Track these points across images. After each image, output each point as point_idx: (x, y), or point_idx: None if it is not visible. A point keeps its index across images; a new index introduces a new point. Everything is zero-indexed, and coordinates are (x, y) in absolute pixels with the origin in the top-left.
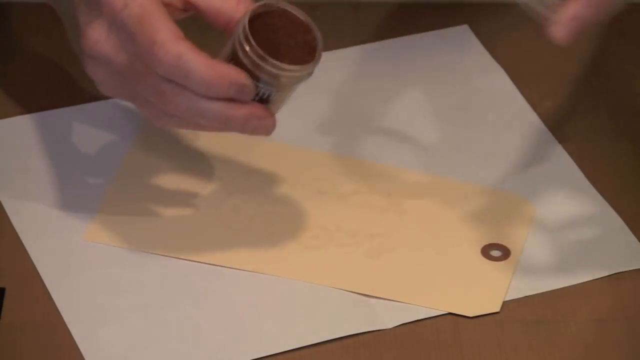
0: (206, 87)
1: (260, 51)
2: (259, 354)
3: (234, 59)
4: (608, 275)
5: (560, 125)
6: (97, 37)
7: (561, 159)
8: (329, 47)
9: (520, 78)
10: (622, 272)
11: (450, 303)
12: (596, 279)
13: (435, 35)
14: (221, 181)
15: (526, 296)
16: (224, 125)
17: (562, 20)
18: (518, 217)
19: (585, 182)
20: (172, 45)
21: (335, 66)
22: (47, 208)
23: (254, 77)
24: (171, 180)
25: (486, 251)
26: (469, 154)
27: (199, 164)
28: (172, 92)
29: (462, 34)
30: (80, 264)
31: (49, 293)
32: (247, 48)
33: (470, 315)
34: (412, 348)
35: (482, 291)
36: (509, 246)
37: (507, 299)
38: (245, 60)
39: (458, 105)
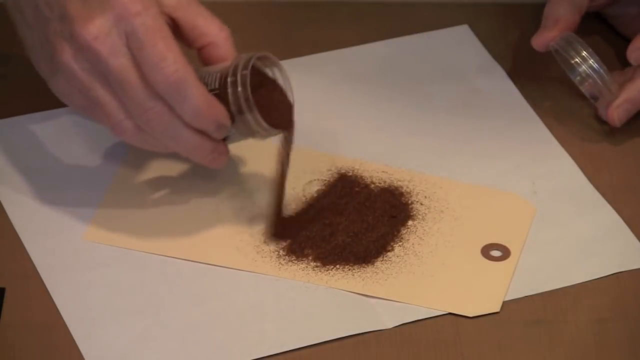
0: (195, 116)
1: (253, 104)
2: (259, 354)
3: (220, 95)
4: (608, 275)
5: (560, 125)
6: (97, 33)
7: (561, 159)
8: (329, 47)
9: (520, 78)
10: (622, 272)
11: (450, 303)
12: (596, 279)
13: (435, 35)
14: (221, 182)
15: (526, 296)
16: (188, 152)
17: (617, 102)
18: (518, 217)
19: (585, 182)
20: (181, 66)
21: (335, 66)
22: (47, 208)
23: (231, 119)
24: (171, 181)
25: (486, 251)
26: (469, 154)
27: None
28: (156, 110)
29: (462, 34)
30: (80, 264)
31: (49, 293)
32: (242, 96)
33: (470, 315)
34: (412, 348)
35: (482, 291)
36: (509, 246)
37: (507, 299)
38: (233, 105)
39: (458, 105)
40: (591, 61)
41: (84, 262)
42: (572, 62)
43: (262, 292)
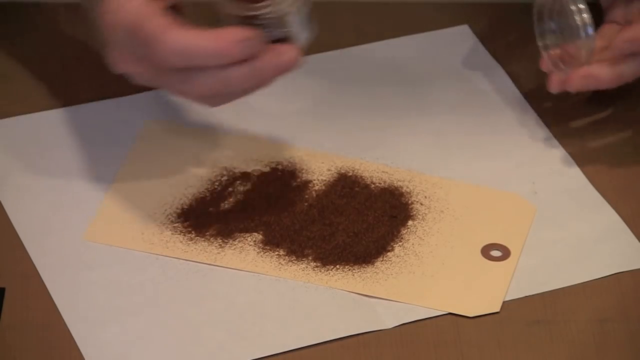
0: (218, 58)
1: (240, 4)
2: (259, 354)
3: (245, 22)
4: (608, 275)
5: (560, 125)
6: (117, 57)
7: (561, 159)
8: (329, 47)
9: (521, 78)
10: (622, 272)
11: (450, 303)
12: (596, 279)
13: (435, 35)
14: (221, 181)
15: (526, 296)
16: (257, 81)
17: (579, 73)
18: (518, 217)
19: (586, 182)
20: (168, 38)
21: (335, 66)
22: (47, 208)
23: (257, 27)
24: (170, 181)
25: (486, 251)
26: (469, 154)
27: (198, 164)
28: (194, 76)
29: (462, 34)
30: (80, 264)
31: (49, 293)
32: (232, 6)
33: (470, 315)
34: (412, 348)
35: (482, 291)
36: (509, 246)
37: (507, 299)
38: (237, 18)
39: (458, 105)
40: (586, 15)
41: (84, 262)
42: (572, 7)
43: (262, 292)
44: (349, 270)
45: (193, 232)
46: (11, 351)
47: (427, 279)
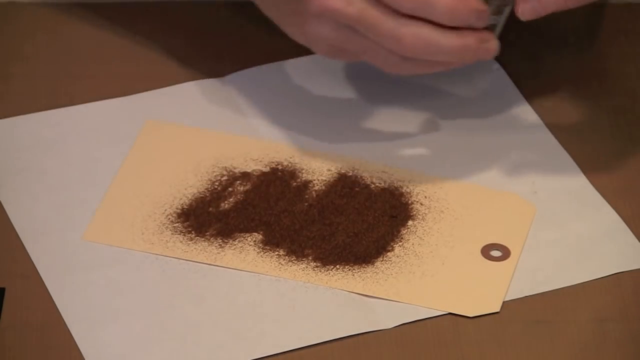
0: (451, 14)
1: None
2: (259, 354)
3: None
4: (608, 275)
5: (560, 125)
6: None
7: (561, 159)
8: None
9: (520, 78)
10: (622, 272)
11: (450, 303)
12: (596, 279)
13: None
14: (221, 181)
15: (526, 296)
16: (459, 56)
17: None
18: (518, 217)
19: (586, 183)
20: None
21: (335, 66)
22: (47, 208)
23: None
24: (170, 181)
25: (486, 251)
26: (469, 154)
27: (198, 164)
28: (410, 33)
29: None
30: (80, 264)
31: (49, 293)
32: None
33: (470, 315)
34: (412, 348)
35: (482, 291)
36: (509, 246)
37: (507, 299)
38: None
39: (458, 105)
40: None
41: (84, 262)
42: None
43: (262, 292)
44: (349, 270)
45: (193, 232)
46: (11, 351)
47: (427, 279)
